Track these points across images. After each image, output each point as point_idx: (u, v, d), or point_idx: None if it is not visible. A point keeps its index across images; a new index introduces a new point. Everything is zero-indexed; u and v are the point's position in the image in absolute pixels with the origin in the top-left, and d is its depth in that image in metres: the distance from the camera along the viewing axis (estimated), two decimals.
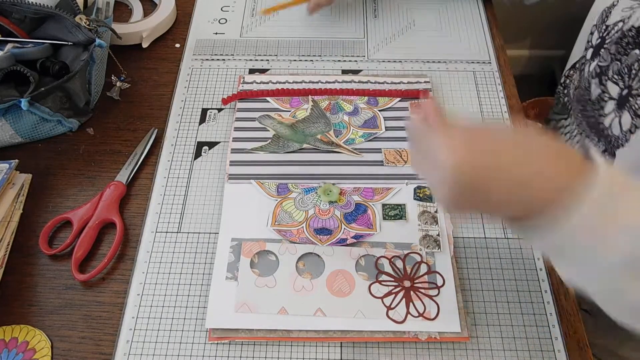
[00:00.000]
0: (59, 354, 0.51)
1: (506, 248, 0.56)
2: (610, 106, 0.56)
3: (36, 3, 0.65)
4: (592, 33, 0.62)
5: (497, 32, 0.78)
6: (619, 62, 0.55)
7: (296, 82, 0.69)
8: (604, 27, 0.59)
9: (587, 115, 0.61)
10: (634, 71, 0.53)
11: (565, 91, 0.70)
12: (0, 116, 0.61)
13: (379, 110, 0.66)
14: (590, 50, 0.62)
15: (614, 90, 0.56)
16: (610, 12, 0.59)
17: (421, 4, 0.81)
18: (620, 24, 0.56)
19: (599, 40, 0.60)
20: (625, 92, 0.54)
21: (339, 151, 0.62)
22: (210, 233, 0.57)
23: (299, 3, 0.76)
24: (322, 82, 0.69)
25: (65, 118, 0.65)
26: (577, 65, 0.66)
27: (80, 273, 0.54)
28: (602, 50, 0.59)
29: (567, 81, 0.70)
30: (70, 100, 0.64)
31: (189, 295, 0.53)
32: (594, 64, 0.60)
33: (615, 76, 0.55)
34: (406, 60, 0.73)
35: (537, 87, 1.80)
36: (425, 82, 0.69)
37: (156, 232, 0.58)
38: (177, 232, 0.58)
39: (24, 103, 0.59)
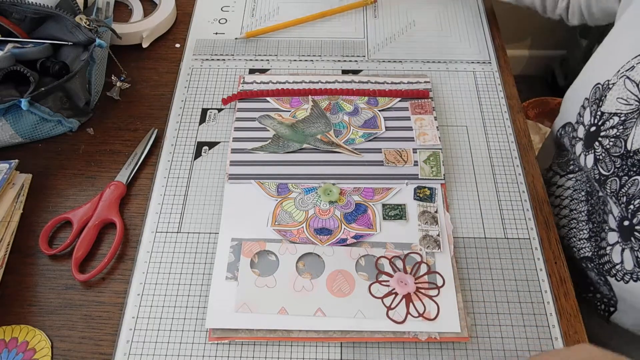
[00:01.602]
0: (59, 354, 0.51)
1: (506, 248, 0.56)
2: (612, 222, 0.53)
3: (36, 3, 0.65)
4: (584, 107, 0.58)
5: (497, 32, 0.78)
6: (618, 180, 0.52)
7: (296, 82, 0.69)
8: (599, 112, 0.55)
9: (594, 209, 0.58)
10: (632, 207, 0.50)
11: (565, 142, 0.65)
12: (0, 116, 0.61)
13: (379, 110, 0.66)
14: (582, 130, 0.58)
15: (615, 210, 0.53)
16: (605, 97, 0.54)
17: (421, 4, 0.81)
18: (616, 119, 0.52)
19: (594, 128, 0.56)
20: (627, 223, 0.51)
21: (339, 151, 0.62)
22: (210, 233, 0.57)
23: (285, 27, 0.77)
24: (322, 82, 0.69)
25: (65, 118, 0.65)
26: (568, 130, 0.62)
27: (80, 273, 0.54)
28: (598, 145, 0.55)
29: (564, 139, 0.65)
30: (70, 100, 0.64)
31: (189, 295, 0.53)
32: (590, 158, 0.56)
33: (614, 197, 0.52)
34: (406, 60, 0.73)
35: (537, 87, 1.81)
36: (425, 82, 0.69)
37: (156, 232, 0.58)
38: (177, 232, 0.58)
39: (24, 103, 0.59)
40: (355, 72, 0.72)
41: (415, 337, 0.50)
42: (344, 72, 0.72)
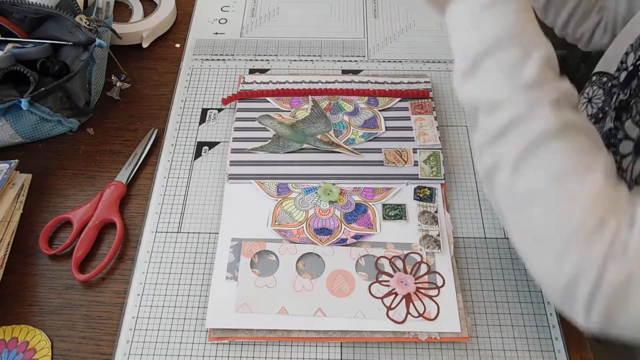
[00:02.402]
0: (59, 354, 0.51)
1: (506, 248, 0.56)
2: (627, 147, 0.52)
3: (36, 3, 0.65)
4: (627, 53, 0.57)
5: None
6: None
7: (296, 82, 0.69)
8: None
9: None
10: None
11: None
12: (0, 116, 0.61)
13: (379, 110, 0.66)
14: (624, 74, 0.57)
15: (633, 131, 0.52)
16: None
17: (421, 4, 0.80)
18: None
19: (632, 67, 0.55)
20: None
21: (339, 151, 0.62)
22: (210, 233, 0.57)
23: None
24: (322, 82, 0.69)
25: (65, 118, 0.65)
26: (604, 80, 0.60)
27: (80, 273, 0.54)
28: (636, 83, 0.54)
29: (594, 86, 0.63)
30: (70, 100, 0.64)
31: (189, 295, 0.53)
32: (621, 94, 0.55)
33: (638, 115, 0.51)
34: (406, 60, 0.73)
35: None
36: (425, 82, 0.69)
37: (156, 232, 0.58)
38: (177, 232, 0.58)
39: (24, 103, 0.59)
40: (355, 72, 0.72)
41: (415, 337, 0.50)
42: (344, 72, 0.72)
